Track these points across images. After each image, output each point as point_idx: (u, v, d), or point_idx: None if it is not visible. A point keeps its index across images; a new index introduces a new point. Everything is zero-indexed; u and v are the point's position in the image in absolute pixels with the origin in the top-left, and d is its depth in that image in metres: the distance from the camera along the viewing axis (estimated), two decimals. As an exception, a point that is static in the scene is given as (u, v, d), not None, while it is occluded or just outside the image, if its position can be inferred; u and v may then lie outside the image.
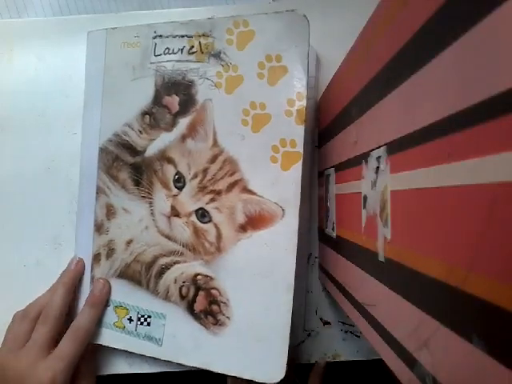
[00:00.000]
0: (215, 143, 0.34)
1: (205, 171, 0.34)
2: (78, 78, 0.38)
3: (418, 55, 0.15)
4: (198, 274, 0.33)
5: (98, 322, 0.35)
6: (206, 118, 0.34)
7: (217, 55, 0.34)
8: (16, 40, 0.40)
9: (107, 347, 0.37)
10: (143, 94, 0.35)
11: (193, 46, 0.34)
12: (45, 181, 0.39)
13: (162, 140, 0.35)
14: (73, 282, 0.35)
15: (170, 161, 0.34)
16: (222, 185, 0.33)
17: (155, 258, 0.35)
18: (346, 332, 0.38)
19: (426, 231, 0.15)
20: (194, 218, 0.34)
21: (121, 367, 0.37)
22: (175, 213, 0.34)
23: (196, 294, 0.33)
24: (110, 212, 0.36)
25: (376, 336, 0.21)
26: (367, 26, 0.23)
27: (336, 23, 0.38)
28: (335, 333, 0.38)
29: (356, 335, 0.37)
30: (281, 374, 0.31)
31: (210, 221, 0.33)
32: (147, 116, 0.35)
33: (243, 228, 0.33)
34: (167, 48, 0.35)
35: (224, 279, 0.33)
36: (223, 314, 0.33)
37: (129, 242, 0.35)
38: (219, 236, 0.33)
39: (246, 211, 0.33)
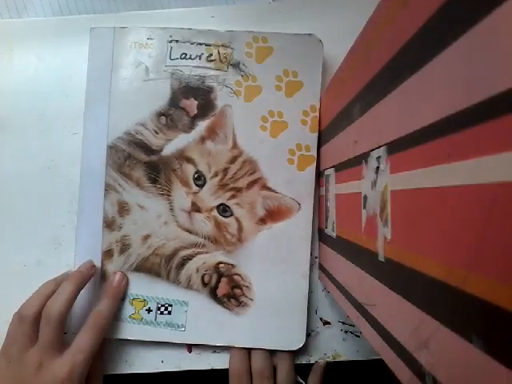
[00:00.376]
0: (235, 145, 0.37)
1: (225, 170, 0.36)
2: (78, 78, 0.38)
3: (418, 55, 0.15)
4: (221, 263, 0.36)
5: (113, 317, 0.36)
6: (226, 123, 0.36)
7: (236, 65, 0.36)
8: (16, 40, 0.40)
9: (108, 347, 0.37)
10: (158, 95, 0.37)
11: (211, 54, 0.37)
12: (45, 181, 0.39)
13: (181, 140, 0.37)
14: (81, 285, 0.35)
15: (190, 160, 0.37)
16: (242, 183, 0.36)
17: (176, 251, 0.37)
18: (346, 332, 0.38)
19: (425, 231, 0.15)
20: (215, 212, 0.36)
21: (121, 367, 0.37)
22: (196, 208, 0.36)
23: (218, 281, 0.36)
24: (124, 209, 0.37)
25: (376, 336, 0.21)
26: (367, 26, 0.23)
27: (336, 23, 0.38)
28: (335, 333, 0.38)
29: (356, 335, 0.37)
30: (301, 341, 0.36)
31: (231, 215, 0.36)
32: (163, 117, 0.37)
33: (263, 221, 0.37)
34: (184, 53, 0.37)
35: (246, 266, 0.36)
36: (246, 296, 0.36)
37: (146, 237, 0.37)
38: (240, 228, 0.36)
39: (266, 206, 0.37)
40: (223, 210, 0.36)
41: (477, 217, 0.12)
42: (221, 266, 0.36)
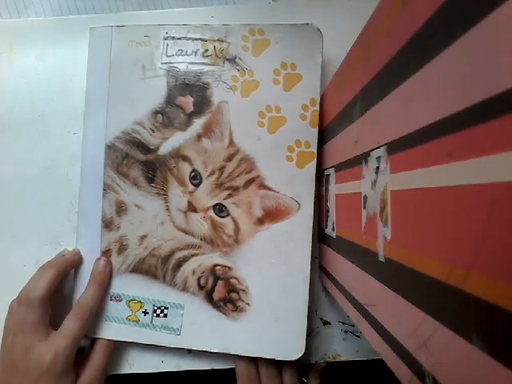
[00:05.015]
0: (231, 143, 0.36)
1: (221, 169, 0.35)
2: (78, 78, 0.38)
3: (418, 55, 0.15)
4: (217, 265, 0.35)
5: (109, 318, 0.36)
6: (222, 119, 0.36)
7: (232, 60, 0.35)
8: (16, 40, 0.40)
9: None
10: (154, 93, 0.36)
11: (207, 50, 0.36)
12: (45, 181, 0.39)
13: (177, 139, 0.36)
14: (63, 269, 0.35)
15: (186, 159, 0.36)
16: (239, 182, 0.35)
17: (172, 252, 0.36)
18: (346, 332, 0.38)
19: (426, 231, 0.15)
20: (211, 212, 0.35)
21: (121, 367, 0.37)
22: (192, 208, 0.35)
23: (215, 284, 0.35)
24: (121, 209, 0.36)
25: (376, 336, 0.21)
26: (367, 26, 0.23)
27: (336, 22, 0.38)
28: (335, 333, 0.38)
29: (356, 335, 0.37)
30: (301, 350, 0.33)
31: (227, 215, 0.35)
32: (160, 115, 0.36)
33: (261, 221, 0.35)
34: (180, 50, 0.36)
35: (242, 268, 0.35)
36: (243, 301, 0.35)
37: (143, 238, 0.36)
38: (237, 229, 0.35)
39: (264, 205, 0.35)
40: (219, 209, 0.35)
41: (477, 217, 0.12)
42: (217, 268, 0.35)
